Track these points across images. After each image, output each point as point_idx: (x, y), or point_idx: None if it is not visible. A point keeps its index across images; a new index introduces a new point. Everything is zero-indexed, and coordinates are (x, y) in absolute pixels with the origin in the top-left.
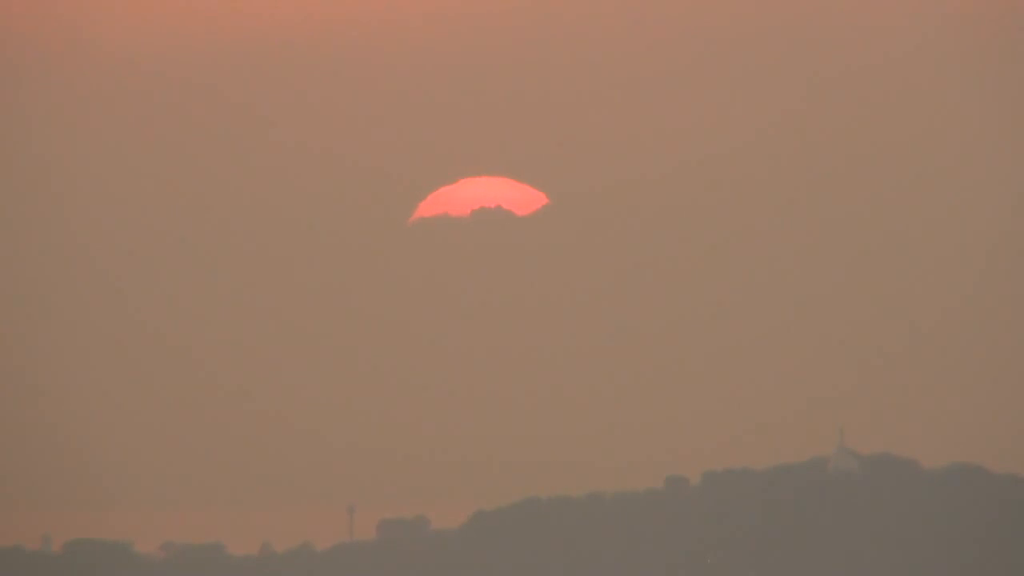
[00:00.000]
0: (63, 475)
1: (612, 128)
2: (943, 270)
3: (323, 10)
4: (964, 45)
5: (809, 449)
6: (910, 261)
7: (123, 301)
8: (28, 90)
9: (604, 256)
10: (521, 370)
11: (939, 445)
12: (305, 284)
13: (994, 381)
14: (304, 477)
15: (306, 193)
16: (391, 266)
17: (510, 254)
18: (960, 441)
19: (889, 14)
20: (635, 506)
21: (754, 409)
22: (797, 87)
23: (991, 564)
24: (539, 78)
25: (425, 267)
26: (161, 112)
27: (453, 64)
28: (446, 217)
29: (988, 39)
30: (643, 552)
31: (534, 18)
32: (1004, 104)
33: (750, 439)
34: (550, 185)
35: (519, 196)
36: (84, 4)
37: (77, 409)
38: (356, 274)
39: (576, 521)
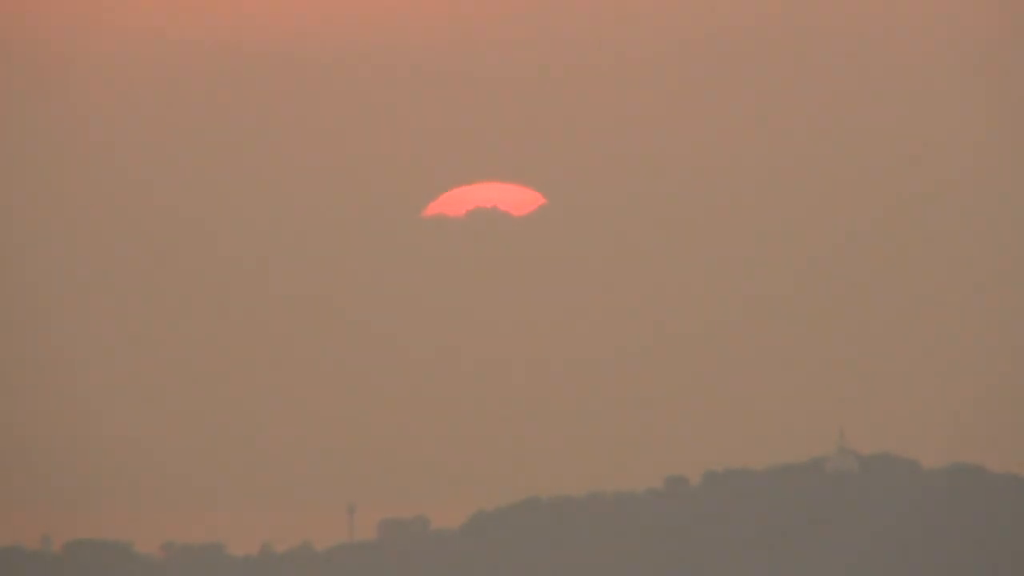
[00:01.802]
0: (63, 475)
1: (614, 131)
2: (943, 270)
3: (321, 16)
4: (970, 47)
5: (809, 449)
6: (910, 261)
7: (123, 301)
8: (29, 90)
9: (604, 257)
10: (521, 370)
11: (939, 445)
12: (305, 285)
13: (994, 381)
14: (304, 477)
15: (305, 195)
16: (390, 267)
17: (510, 255)
18: (960, 441)
19: (896, 18)
20: (635, 506)
21: (754, 409)
22: (795, 86)
23: (991, 564)
24: (540, 82)
25: (425, 268)
26: (174, 113)
27: (455, 68)
28: (446, 219)
29: (996, 42)
30: (643, 552)
31: (536, 22)
32: (1008, 109)
33: (750, 439)
34: (552, 187)
35: (519, 198)
36: (86, 4)
37: (77, 409)
38: (356, 275)
39: (576, 521)
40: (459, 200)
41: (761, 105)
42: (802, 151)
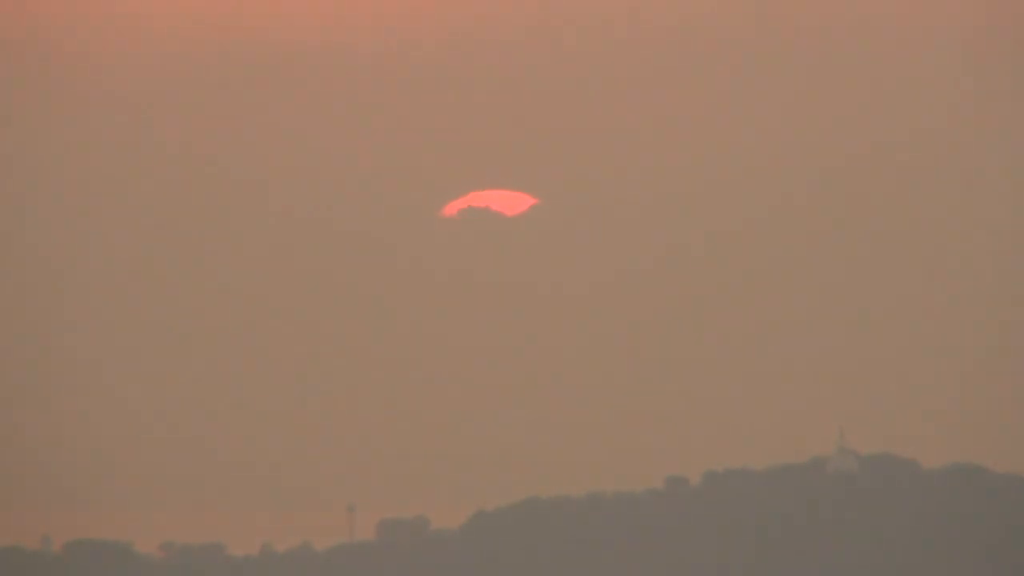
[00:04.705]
0: (63, 475)
1: (609, 132)
2: (943, 270)
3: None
4: (967, 44)
5: (809, 449)
6: (910, 261)
7: (124, 300)
8: (32, 90)
9: (604, 257)
10: (521, 370)
11: (939, 445)
12: (304, 286)
13: (994, 381)
14: (304, 477)
15: (303, 201)
16: (390, 268)
17: (510, 256)
18: (960, 441)
19: (890, 14)
20: (635, 506)
21: (754, 409)
22: (786, 88)
23: (991, 564)
24: (538, 89)
25: (423, 269)
26: (180, 115)
27: (459, 77)
28: (443, 220)
29: (993, 40)
30: (643, 552)
31: (534, 28)
32: (1005, 104)
33: (750, 439)
34: (550, 188)
35: (516, 201)
36: (91, 4)
37: (77, 409)
38: (355, 276)
39: (576, 521)
40: (458, 205)
41: (758, 107)
42: (802, 150)
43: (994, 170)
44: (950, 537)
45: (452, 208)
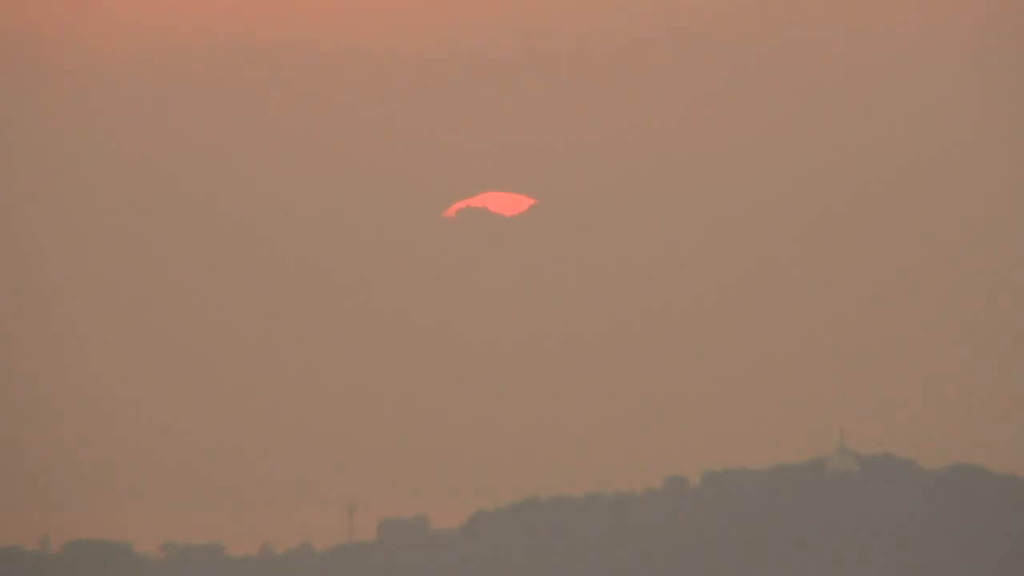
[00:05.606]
0: (63, 475)
1: (608, 134)
2: (943, 270)
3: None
4: (965, 44)
5: (809, 449)
6: (910, 261)
7: (124, 302)
8: (37, 91)
9: (605, 258)
10: (521, 371)
11: (939, 445)
12: (305, 287)
13: (994, 381)
14: (304, 477)
15: (304, 204)
16: (390, 271)
17: (510, 259)
18: (960, 441)
19: (887, 14)
20: (635, 506)
21: (754, 409)
22: (785, 89)
23: (991, 564)
24: (539, 91)
25: (423, 271)
26: (184, 117)
27: (463, 82)
28: (443, 221)
29: (990, 39)
30: (643, 552)
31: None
32: (1004, 103)
33: (750, 439)
34: (549, 189)
35: (515, 202)
36: (97, 4)
37: (77, 409)
38: (355, 278)
39: (576, 521)
40: (458, 206)
41: (758, 109)
42: (800, 152)
43: (995, 171)
44: (950, 537)
45: (451, 209)
